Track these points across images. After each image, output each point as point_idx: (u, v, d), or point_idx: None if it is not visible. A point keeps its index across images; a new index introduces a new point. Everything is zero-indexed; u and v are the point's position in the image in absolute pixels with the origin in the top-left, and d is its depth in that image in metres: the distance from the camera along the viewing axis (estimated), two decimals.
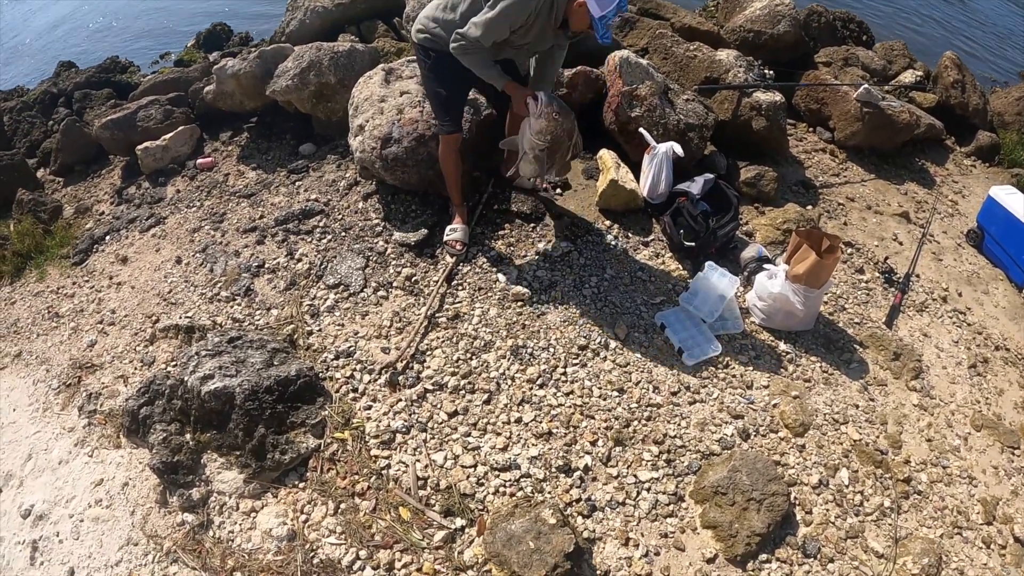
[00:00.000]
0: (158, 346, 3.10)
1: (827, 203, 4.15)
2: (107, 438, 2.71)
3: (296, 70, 4.02)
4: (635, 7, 5.87)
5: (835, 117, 4.76)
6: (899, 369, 3.16)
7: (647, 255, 3.44)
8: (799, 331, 3.19)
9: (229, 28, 7.91)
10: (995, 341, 3.47)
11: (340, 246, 3.43)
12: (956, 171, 4.93)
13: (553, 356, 2.86)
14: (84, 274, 3.77)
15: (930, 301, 3.60)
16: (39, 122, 5.70)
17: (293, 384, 2.51)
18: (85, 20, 12.95)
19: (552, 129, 2.72)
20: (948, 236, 4.20)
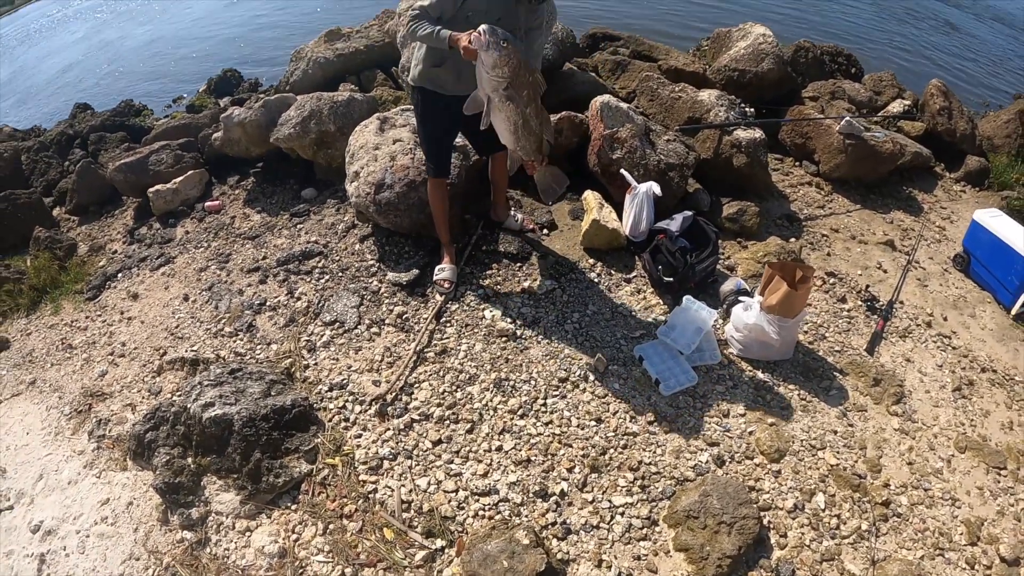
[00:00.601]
0: (165, 377, 3.38)
1: (811, 235, 4.34)
2: (114, 461, 2.96)
3: (298, 119, 4.38)
4: (628, 50, 6.25)
5: (819, 150, 4.95)
6: (879, 395, 3.27)
7: (629, 291, 3.69)
8: (778, 361, 3.34)
9: (239, 74, 8.38)
10: (981, 363, 3.56)
11: (337, 285, 3.73)
12: (945, 197, 5.08)
13: (534, 388, 3.10)
14: (97, 309, 4.08)
15: (914, 327, 3.72)
16: (56, 162, 6.08)
17: (288, 413, 2.77)
18: (97, 64, 13.69)
19: (506, 60, 2.61)
20: (934, 262, 4.32)
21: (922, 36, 11.68)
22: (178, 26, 15.77)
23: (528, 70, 2.72)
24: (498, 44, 2.57)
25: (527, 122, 2.81)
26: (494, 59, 2.59)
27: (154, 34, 15.40)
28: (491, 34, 2.56)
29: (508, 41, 2.60)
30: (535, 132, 2.87)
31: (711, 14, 9.83)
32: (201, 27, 15.07)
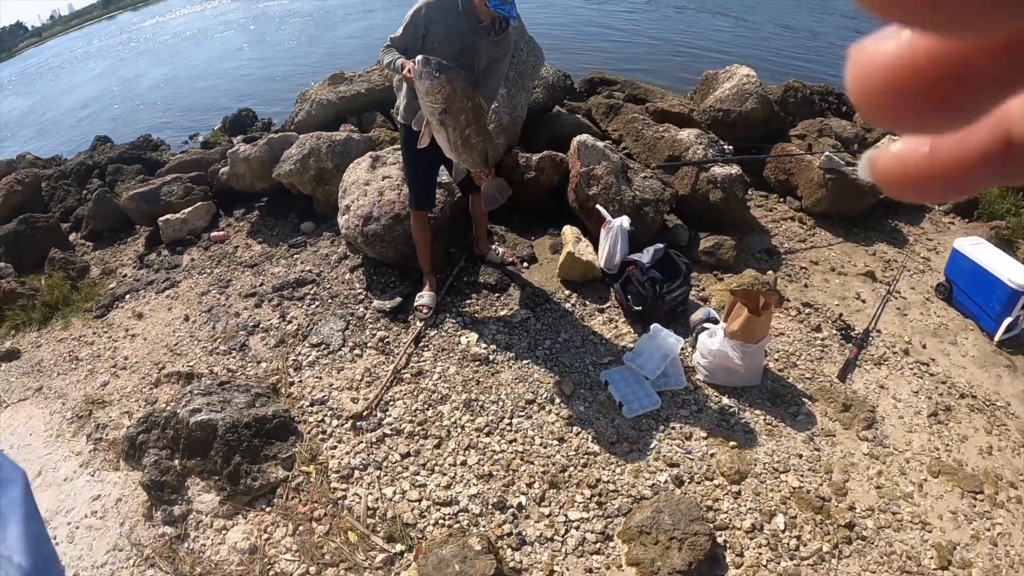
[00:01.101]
0: (161, 389, 3.70)
1: (790, 268, 4.53)
2: (108, 462, 3.27)
3: (298, 156, 4.79)
4: (624, 94, 6.64)
5: (801, 186, 5.17)
6: (849, 420, 3.34)
7: (601, 320, 3.95)
8: (745, 387, 3.47)
9: (254, 113, 8.91)
10: (960, 389, 3.62)
11: (326, 311, 4.06)
12: (932, 229, 5.22)
13: (501, 408, 3.35)
14: (104, 326, 4.45)
15: (890, 354, 3.81)
16: (74, 190, 6.57)
17: (269, 423, 3.06)
18: (115, 99, 14.52)
19: (438, 88, 2.74)
20: (916, 292, 4.43)
21: None
22: (193, 67, 16.68)
23: (467, 95, 2.85)
24: (430, 74, 2.73)
25: (467, 141, 2.96)
26: (426, 87, 2.76)
27: (170, 74, 16.33)
28: (423, 64, 2.74)
29: (442, 71, 2.76)
30: (476, 148, 3.02)
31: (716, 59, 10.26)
32: (216, 69, 15.92)
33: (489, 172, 3.21)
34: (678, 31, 14.60)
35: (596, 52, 11.89)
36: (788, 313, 4.10)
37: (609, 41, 13.30)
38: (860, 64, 0.26)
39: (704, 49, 12.42)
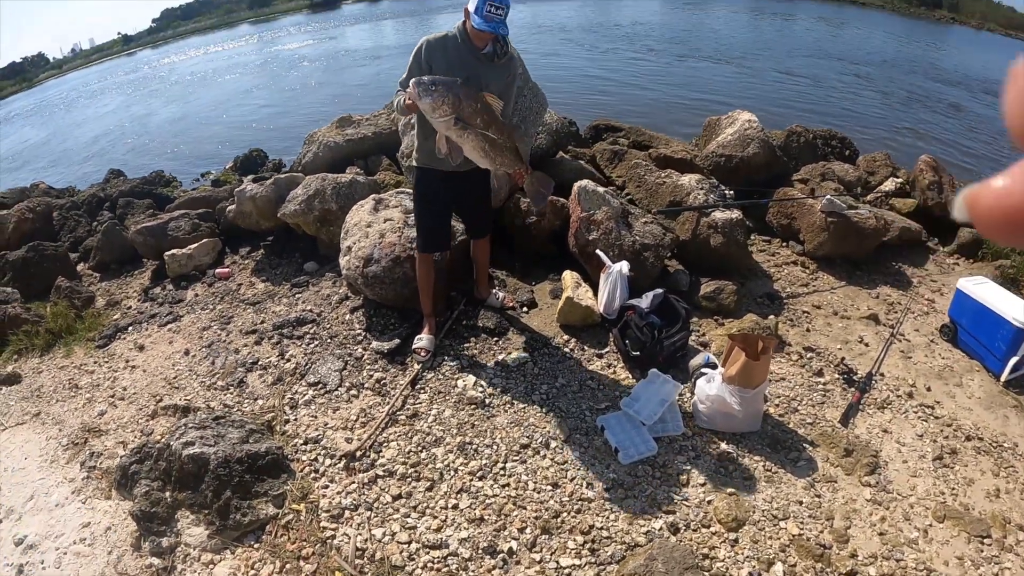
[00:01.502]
0: (158, 421, 3.77)
1: (791, 312, 4.59)
2: (100, 490, 3.31)
3: (303, 197, 4.94)
4: (628, 140, 6.82)
5: (804, 230, 5.26)
6: (851, 465, 3.33)
7: (599, 366, 4.00)
8: (745, 433, 3.47)
9: (265, 154, 9.18)
10: (966, 431, 3.61)
11: (325, 350, 4.14)
12: (936, 271, 5.27)
13: (495, 452, 3.38)
14: (105, 356, 4.56)
15: (893, 398, 3.81)
16: (84, 221, 6.77)
17: (262, 459, 3.11)
18: (127, 134, 14.96)
19: (440, 101, 2.84)
20: (920, 334, 4.45)
21: (922, 117, 12.40)
22: (205, 107, 17.18)
23: (472, 97, 2.94)
24: (427, 90, 2.83)
25: (493, 143, 3.04)
26: (429, 104, 2.85)
27: (180, 112, 16.83)
28: (417, 85, 2.84)
29: (436, 83, 2.85)
30: (505, 146, 3.10)
31: (720, 105, 10.53)
32: (228, 109, 16.39)
33: (527, 168, 3.28)
34: (682, 79, 15.05)
35: (601, 99, 12.26)
36: (789, 358, 4.14)
37: (614, 88, 13.71)
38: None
39: (708, 96, 12.80)
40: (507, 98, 3.47)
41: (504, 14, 3.15)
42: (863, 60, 19.85)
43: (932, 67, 20.49)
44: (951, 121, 13.07)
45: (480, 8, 3.08)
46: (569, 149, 6.29)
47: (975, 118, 13.58)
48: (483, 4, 3.08)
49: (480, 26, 3.10)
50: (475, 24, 3.11)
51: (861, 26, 31.38)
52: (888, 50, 23.78)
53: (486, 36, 3.21)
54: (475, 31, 3.17)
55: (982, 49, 29.35)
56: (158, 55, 39.32)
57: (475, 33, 3.19)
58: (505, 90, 3.42)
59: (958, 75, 19.39)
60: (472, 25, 3.15)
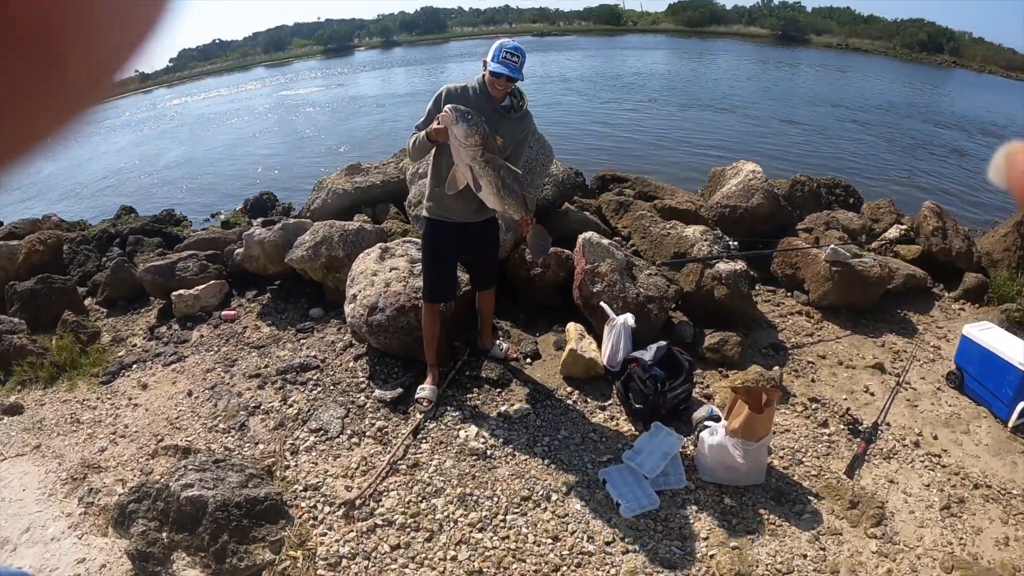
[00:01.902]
0: (158, 460, 3.79)
1: (796, 362, 4.61)
2: (97, 527, 3.32)
3: (311, 243, 5.03)
4: (634, 191, 6.92)
5: (808, 279, 5.31)
6: (857, 517, 3.31)
7: (602, 418, 4.02)
8: (748, 486, 3.47)
9: (275, 197, 9.34)
10: (974, 479, 3.61)
11: (327, 397, 4.18)
12: (942, 317, 5.31)
13: (496, 504, 3.38)
14: (108, 392, 4.60)
15: (900, 447, 3.82)
16: (94, 256, 6.86)
17: (261, 504, 3.11)
18: (137, 173, 15.24)
19: (475, 130, 3.00)
20: (926, 382, 4.47)
21: (925, 163, 12.58)
22: (219, 148, 17.58)
23: (493, 137, 3.11)
24: (464, 116, 2.97)
25: (506, 184, 3.19)
26: (464, 131, 2.98)
27: (192, 152, 17.21)
28: (455, 110, 2.98)
29: (472, 113, 3.00)
30: (516, 192, 3.25)
31: (724, 156, 10.71)
32: (242, 151, 16.76)
33: (531, 219, 3.42)
34: (686, 129, 15.37)
35: (605, 150, 12.54)
36: (794, 409, 4.15)
37: (618, 139, 14.01)
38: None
39: (713, 146, 13.06)
40: (518, 153, 3.60)
41: (520, 62, 3.30)
42: (866, 107, 20.25)
43: (935, 112, 20.90)
44: (954, 166, 13.29)
45: (497, 55, 3.26)
46: (575, 199, 6.39)
47: (978, 162, 13.83)
48: (499, 51, 3.25)
49: (497, 69, 3.24)
50: (492, 69, 3.26)
51: (864, 73, 32.05)
52: (891, 96, 24.24)
53: (503, 88, 3.35)
54: (492, 81, 3.31)
55: (984, 91, 29.95)
56: (173, 94, 40.15)
57: (493, 84, 3.33)
58: (518, 145, 3.57)
59: (960, 119, 19.78)
60: (489, 71, 3.29)
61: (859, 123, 17.00)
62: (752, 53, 38.51)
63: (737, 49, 40.74)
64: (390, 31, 62.65)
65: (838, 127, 16.31)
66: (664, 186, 7.27)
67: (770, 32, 50.13)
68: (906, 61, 41.12)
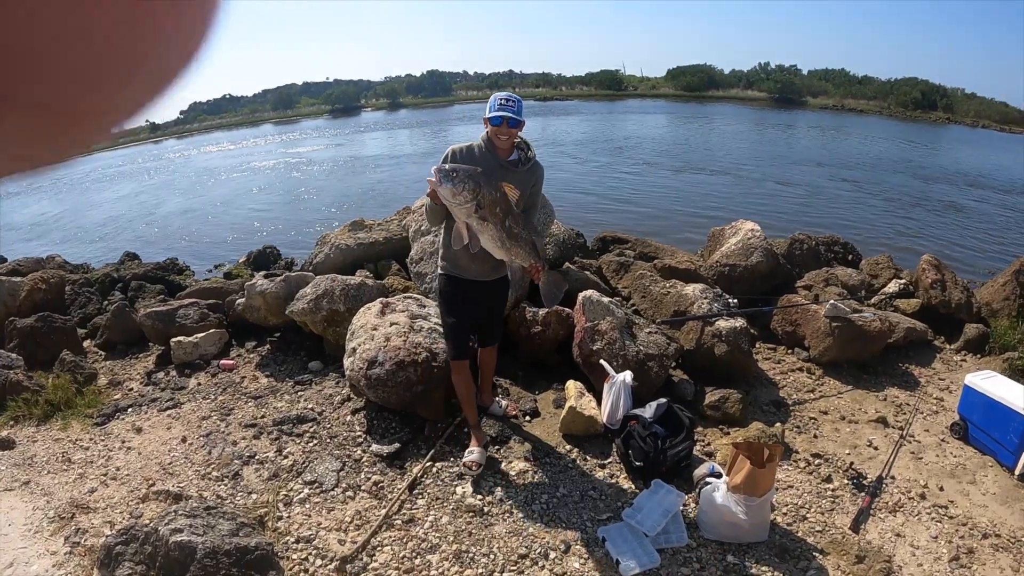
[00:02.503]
0: (148, 505, 3.73)
1: (798, 419, 4.60)
2: (82, 567, 3.24)
3: (312, 296, 5.06)
4: (635, 252, 6.98)
5: (808, 336, 5.33)
6: (864, 572, 3.27)
7: (602, 476, 3.96)
8: (751, 543, 3.42)
9: (278, 251, 9.44)
10: (983, 529, 3.58)
11: (323, 450, 4.14)
12: (944, 369, 5.31)
13: (492, 562, 3.30)
14: (102, 434, 4.56)
15: (905, 500, 3.79)
16: (96, 299, 6.92)
17: (250, 554, 3.04)
18: (137, 221, 15.46)
19: (461, 187, 2.91)
20: (930, 434, 4.46)
21: (923, 218, 12.84)
22: (219, 201, 17.94)
23: (492, 186, 3.02)
24: (447, 175, 2.92)
25: (511, 232, 3.13)
26: (450, 190, 2.93)
27: (198, 204, 17.49)
28: (438, 172, 2.94)
29: (457, 170, 2.95)
30: (523, 239, 3.19)
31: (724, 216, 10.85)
32: (241, 205, 17.09)
33: (542, 265, 3.36)
34: (685, 192, 15.64)
35: (603, 213, 12.70)
36: (797, 465, 4.11)
37: (620, 201, 14.21)
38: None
39: (712, 208, 13.26)
40: (532, 204, 3.62)
41: (516, 106, 3.35)
42: (862, 166, 20.65)
43: (930, 168, 21.28)
44: (951, 220, 13.47)
45: (493, 106, 3.33)
46: (576, 260, 6.46)
47: (974, 215, 14.10)
48: (495, 102, 3.34)
49: (496, 116, 3.30)
50: (491, 117, 3.33)
51: (860, 132, 32.70)
52: (887, 154, 24.69)
53: (507, 137, 3.39)
54: (495, 132, 3.36)
55: (978, 146, 30.51)
56: (183, 145, 40.89)
57: (496, 135, 3.38)
58: (530, 198, 3.58)
59: (955, 173, 20.15)
60: (489, 122, 3.35)
61: (856, 182, 17.27)
62: (750, 116, 39.33)
63: (735, 112, 41.64)
64: (396, 93, 63.97)
65: (835, 186, 16.57)
66: (664, 247, 7.36)
67: (767, 95, 51.22)
68: (901, 120, 41.93)
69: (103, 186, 23.48)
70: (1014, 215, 14.42)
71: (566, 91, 62.43)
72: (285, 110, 60.32)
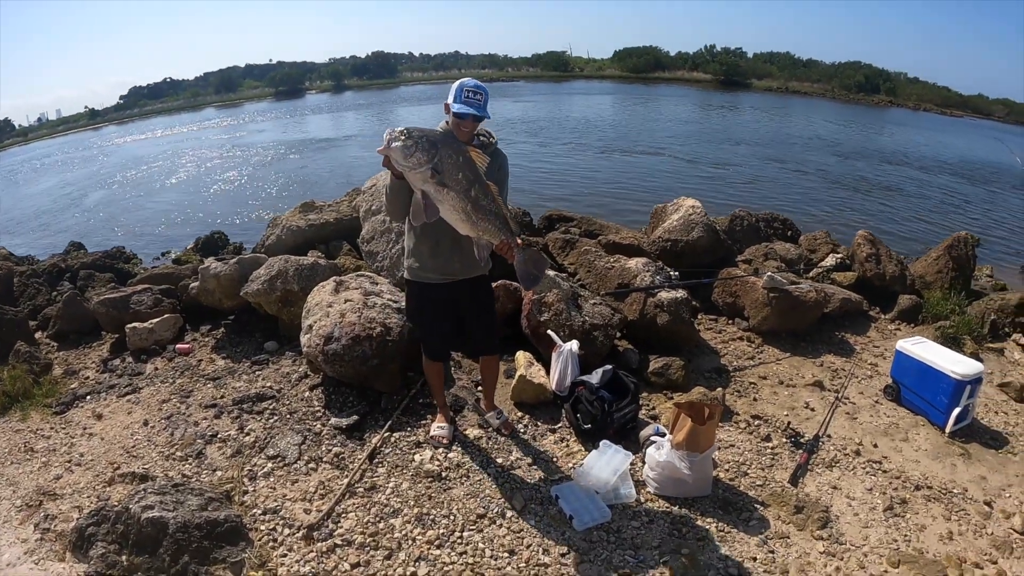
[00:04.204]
0: (115, 488, 3.80)
1: (738, 384, 4.89)
2: (54, 552, 3.31)
3: (266, 277, 5.15)
4: (580, 230, 7.21)
5: (748, 306, 5.65)
6: (803, 521, 3.46)
7: (552, 440, 4.19)
8: (696, 497, 3.62)
9: (226, 237, 9.41)
10: (915, 482, 3.82)
11: (284, 425, 4.28)
12: (878, 337, 5.66)
13: (452, 522, 3.49)
14: (62, 422, 4.60)
15: (841, 456, 4.03)
16: (45, 290, 6.81)
17: (220, 526, 3.17)
18: (82, 210, 15.22)
19: (414, 146, 2.62)
20: (865, 396, 4.73)
21: (860, 197, 13.69)
22: (162, 188, 17.79)
23: (454, 149, 2.73)
24: (396, 138, 2.60)
25: (476, 203, 2.79)
26: (400, 152, 2.60)
27: (141, 191, 17.28)
28: (388, 135, 2.62)
29: (409, 130, 2.62)
30: (491, 210, 2.85)
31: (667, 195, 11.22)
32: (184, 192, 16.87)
33: (515, 241, 3.01)
34: (631, 172, 16.01)
35: (549, 192, 12.99)
36: (737, 426, 4.39)
37: (562, 182, 14.57)
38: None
39: (657, 187, 13.68)
40: (501, 189, 3.34)
41: (483, 99, 3.10)
42: (805, 147, 21.36)
43: (869, 149, 22.13)
44: (889, 199, 14.15)
45: (459, 95, 3.07)
46: (522, 238, 6.60)
47: (912, 194, 14.87)
48: (460, 92, 3.07)
49: (462, 110, 3.05)
50: (456, 111, 3.07)
51: (804, 114, 33.54)
52: (829, 136, 25.52)
53: (469, 130, 3.18)
54: (457, 123, 3.13)
55: (918, 128, 31.66)
56: (122, 131, 39.56)
57: (458, 127, 3.14)
58: (498, 183, 3.21)
59: (894, 155, 20.98)
60: (453, 113, 3.12)
61: (797, 162, 17.88)
62: (696, 98, 39.95)
63: (681, 94, 42.21)
64: (341, 75, 62.76)
65: (778, 167, 17.16)
66: (609, 225, 7.60)
67: (713, 77, 51.94)
68: (844, 102, 43.01)
69: (37, 176, 22.74)
70: (950, 194, 15.18)
71: (512, 72, 62.08)
72: (228, 93, 58.70)
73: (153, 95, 62.64)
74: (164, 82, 67.26)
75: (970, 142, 27.51)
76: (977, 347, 5.48)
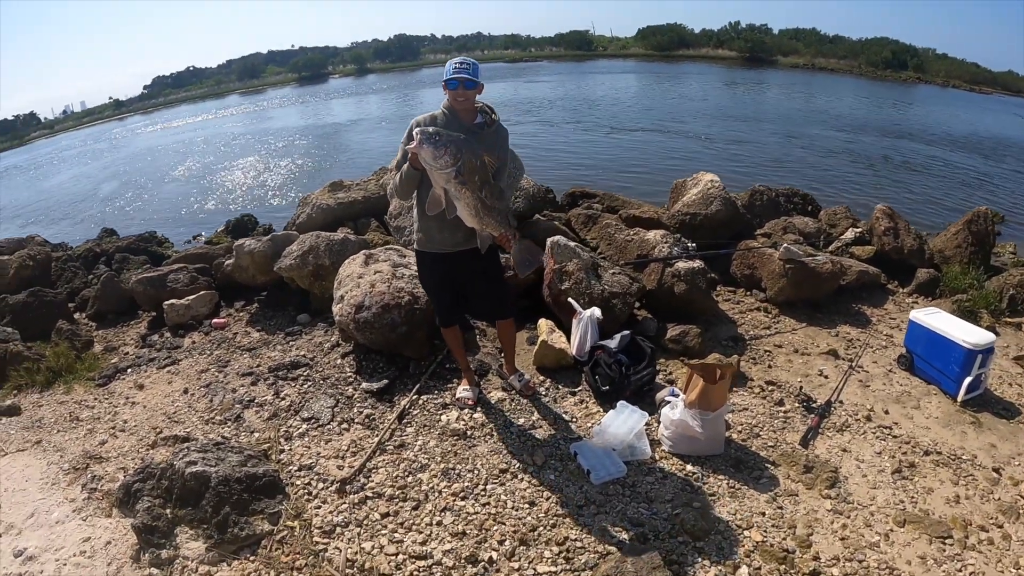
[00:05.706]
0: (158, 451, 4.07)
1: (754, 352, 5.00)
2: (101, 509, 3.57)
3: (299, 252, 5.39)
4: (603, 206, 7.34)
5: (765, 278, 5.75)
6: (812, 480, 3.57)
7: (573, 402, 4.37)
8: (709, 456, 3.75)
9: (255, 219, 9.67)
10: (925, 447, 3.90)
11: (317, 390, 4.51)
12: (895, 309, 5.73)
13: (476, 476, 3.69)
14: (105, 393, 4.88)
15: (852, 421, 4.14)
16: (81, 273, 7.16)
17: (259, 480, 3.41)
18: (114, 198, 15.64)
19: (443, 151, 2.95)
20: (878, 365, 4.82)
21: (885, 175, 13.55)
22: (191, 174, 18.15)
23: (473, 153, 3.05)
24: (430, 138, 2.94)
25: (485, 203, 3.17)
26: (431, 153, 2.95)
27: (169, 178, 17.76)
28: (422, 134, 2.95)
29: (440, 135, 2.97)
30: (497, 209, 3.23)
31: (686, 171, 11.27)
32: (213, 177, 17.23)
33: (514, 233, 3.37)
34: (655, 149, 16.00)
35: (577, 170, 13.04)
36: (751, 391, 4.52)
37: (590, 159, 14.60)
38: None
39: (680, 164, 13.62)
40: (502, 168, 3.59)
41: (471, 67, 3.40)
42: (831, 124, 21.05)
43: (897, 126, 21.75)
44: (913, 176, 13.97)
45: (449, 71, 3.40)
46: (545, 214, 6.80)
47: (936, 170, 14.67)
48: (450, 66, 3.41)
49: (452, 77, 3.37)
50: (450, 86, 3.40)
51: (830, 91, 32.97)
52: (855, 112, 25.10)
53: (465, 100, 3.45)
54: (453, 95, 3.44)
55: (946, 105, 30.96)
56: (148, 121, 40.17)
57: (455, 99, 3.45)
58: (499, 158, 3.53)
59: (921, 131, 20.58)
60: (448, 88, 3.43)
61: (823, 140, 17.69)
62: (720, 75, 39.44)
63: (706, 71, 41.69)
64: (363, 59, 62.92)
65: (802, 145, 16.99)
66: (631, 201, 7.70)
67: (738, 54, 51.15)
68: (872, 79, 42.05)
69: (63, 167, 23.31)
70: (977, 173, 14.93)
71: (535, 52, 61.69)
72: (251, 80, 59.23)
73: (177, 84, 63.38)
74: (187, 71, 68.08)
75: (999, 119, 26.86)
76: (995, 321, 5.50)
